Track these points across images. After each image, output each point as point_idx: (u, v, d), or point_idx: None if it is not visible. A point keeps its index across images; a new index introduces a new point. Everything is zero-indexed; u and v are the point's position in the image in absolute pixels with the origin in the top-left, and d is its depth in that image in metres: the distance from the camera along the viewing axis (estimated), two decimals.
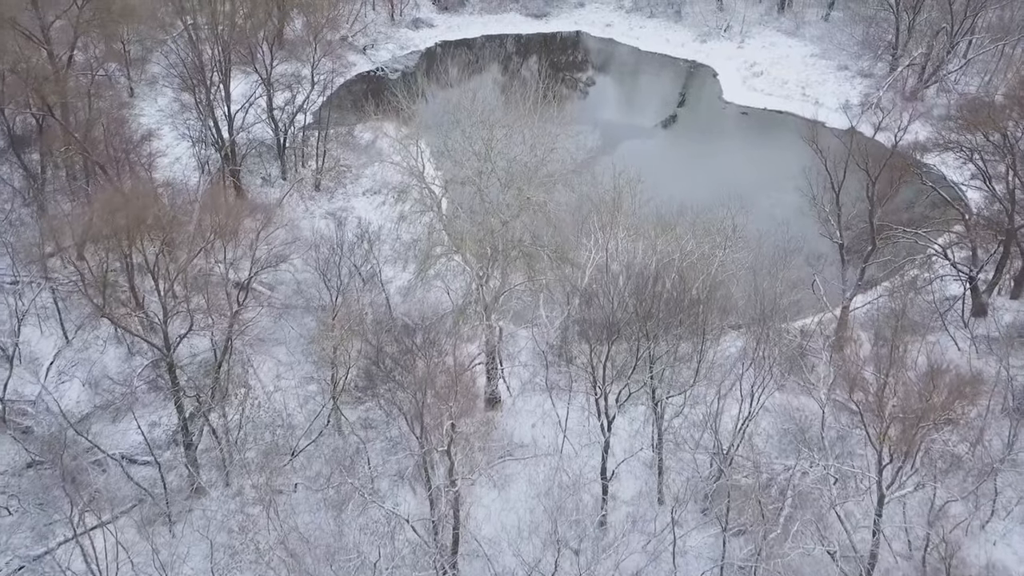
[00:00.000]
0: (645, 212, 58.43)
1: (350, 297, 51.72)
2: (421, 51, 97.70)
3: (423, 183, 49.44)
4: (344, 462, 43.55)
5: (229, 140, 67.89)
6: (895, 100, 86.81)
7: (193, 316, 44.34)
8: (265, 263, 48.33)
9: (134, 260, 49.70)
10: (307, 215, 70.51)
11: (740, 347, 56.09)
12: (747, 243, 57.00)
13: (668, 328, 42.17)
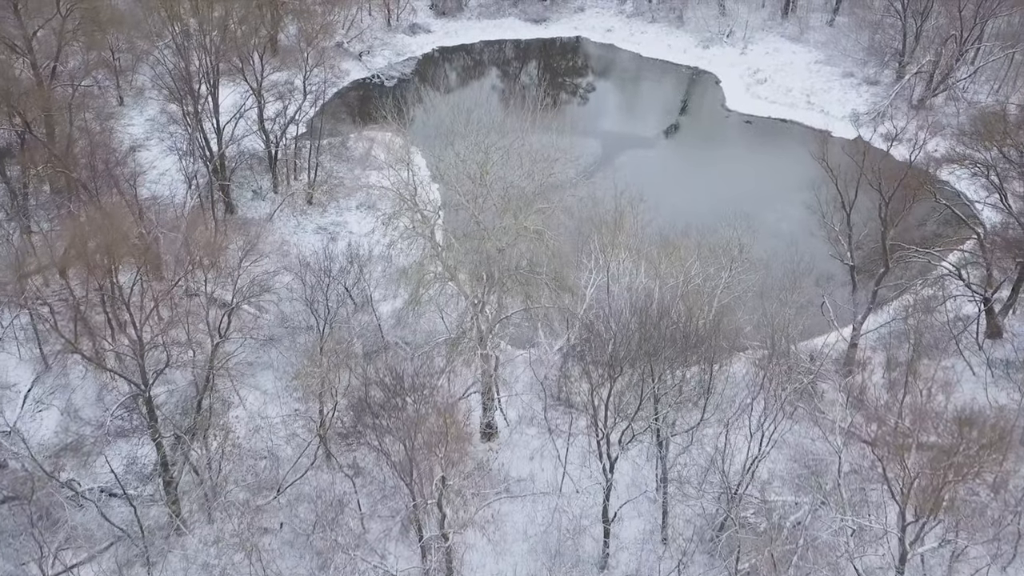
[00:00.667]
0: (648, 232, 55.57)
1: (340, 324, 48.93)
2: (418, 57, 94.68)
3: (415, 208, 46.31)
4: (330, 512, 40.69)
5: (218, 153, 64.99)
6: (903, 108, 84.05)
7: (170, 351, 41.45)
8: (248, 293, 45.18)
9: (110, 288, 46.67)
10: (298, 230, 67.67)
11: (747, 372, 53.62)
12: (754, 264, 54.01)
13: (674, 366, 39.31)
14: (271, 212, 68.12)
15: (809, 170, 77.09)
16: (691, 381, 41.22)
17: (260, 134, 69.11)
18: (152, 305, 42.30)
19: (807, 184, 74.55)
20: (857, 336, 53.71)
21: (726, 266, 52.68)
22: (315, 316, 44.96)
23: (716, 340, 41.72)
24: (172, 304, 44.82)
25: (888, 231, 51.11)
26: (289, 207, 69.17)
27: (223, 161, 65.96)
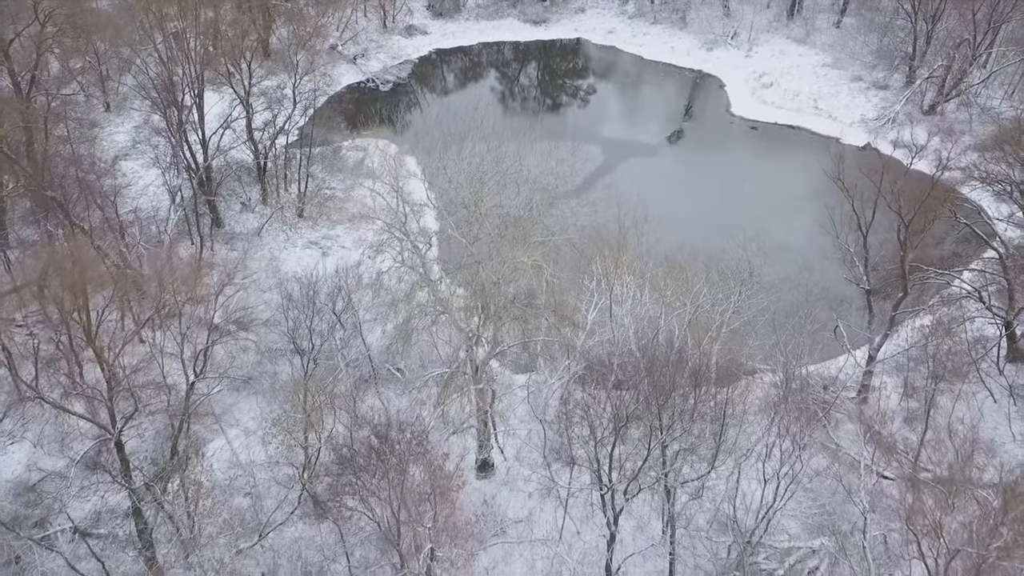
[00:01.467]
0: (654, 254, 52.33)
1: (326, 354, 45.60)
2: (414, 61, 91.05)
3: (404, 236, 42.89)
4: (316, 562, 37.43)
5: (204, 165, 61.58)
6: (913, 114, 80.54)
7: (139, 397, 38.04)
8: (224, 332, 41.67)
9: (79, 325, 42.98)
10: (288, 245, 64.31)
11: (760, 399, 50.43)
12: (764, 287, 50.60)
13: (684, 417, 35.98)
14: (260, 226, 64.74)
15: (818, 180, 73.39)
16: (702, 432, 37.77)
17: (249, 145, 65.71)
18: (122, 345, 38.89)
19: (815, 194, 71.28)
20: (873, 363, 50.40)
21: (735, 289, 49.28)
22: (299, 352, 41.51)
23: (730, 392, 38.10)
24: (147, 338, 41.37)
25: (907, 254, 47.67)
26: (279, 220, 65.81)
27: (209, 174, 62.56)
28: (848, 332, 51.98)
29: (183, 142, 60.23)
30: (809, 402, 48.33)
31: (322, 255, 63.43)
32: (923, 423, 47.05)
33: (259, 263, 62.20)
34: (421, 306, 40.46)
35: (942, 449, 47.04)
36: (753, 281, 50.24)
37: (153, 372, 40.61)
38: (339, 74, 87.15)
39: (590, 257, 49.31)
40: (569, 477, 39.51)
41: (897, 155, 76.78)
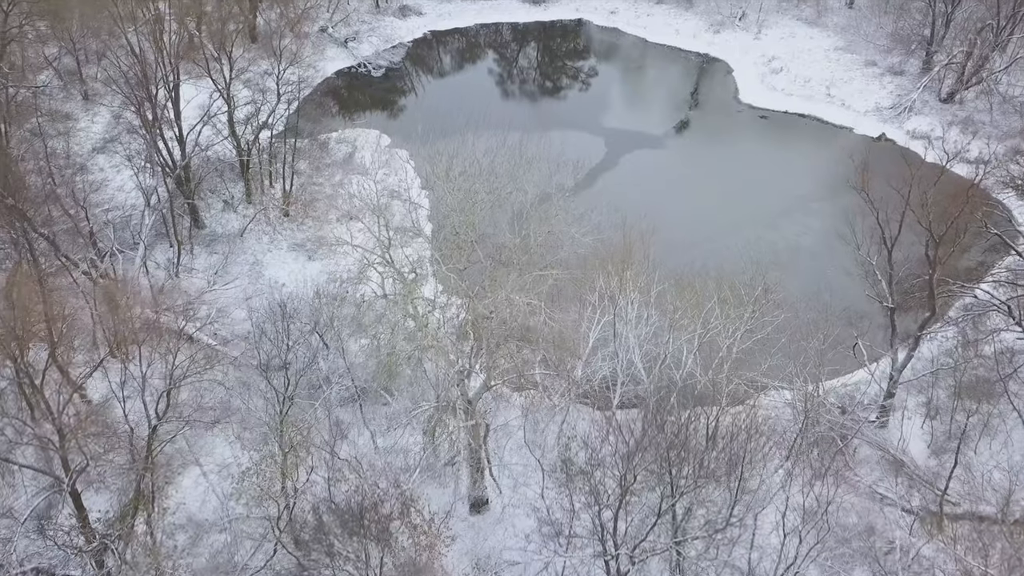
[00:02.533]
0: (661, 266, 48.07)
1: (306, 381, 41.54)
2: (408, 44, 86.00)
3: (387, 263, 38.64)
4: None
5: (181, 163, 57.17)
6: (930, 102, 75.93)
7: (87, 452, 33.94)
8: (188, 372, 37.24)
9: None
10: (272, 247, 60.03)
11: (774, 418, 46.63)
12: (778, 303, 46.49)
13: (697, 480, 32.03)
14: (242, 228, 60.44)
15: (832, 175, 69.33)
16: (717, 479, 33.82)
17: (231, 140, 61.22)
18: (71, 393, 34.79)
19: (830, 192, 67.02)
20: (895, 385, 46.42)
21: (748, 307, 45.17)
22: (273, 388, 37.31)
23: (746, 445, 34.10)
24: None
25: (936, 272, 43.44)
26: (263, 220, 61.47)
27: (188, 173, 58.17)
28: (867, 347, 48.09)
29: (158, 140, 55.84)
30: (827, 428, 44.60)
31: (308, 259, 59.25)
32: (951, 455, 43.23)
33: (241, 268, 58.11)
34: (407, 337, 36.22)
35: (973, 484, 43.40)
36: (767, 298, 46.13)
37: (115, 411, 36.64)
38: (329, 58, 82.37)
39: (592, 276, 45.07)
40: (571, 521, 35.49)
41: (914, 146, 72.55)
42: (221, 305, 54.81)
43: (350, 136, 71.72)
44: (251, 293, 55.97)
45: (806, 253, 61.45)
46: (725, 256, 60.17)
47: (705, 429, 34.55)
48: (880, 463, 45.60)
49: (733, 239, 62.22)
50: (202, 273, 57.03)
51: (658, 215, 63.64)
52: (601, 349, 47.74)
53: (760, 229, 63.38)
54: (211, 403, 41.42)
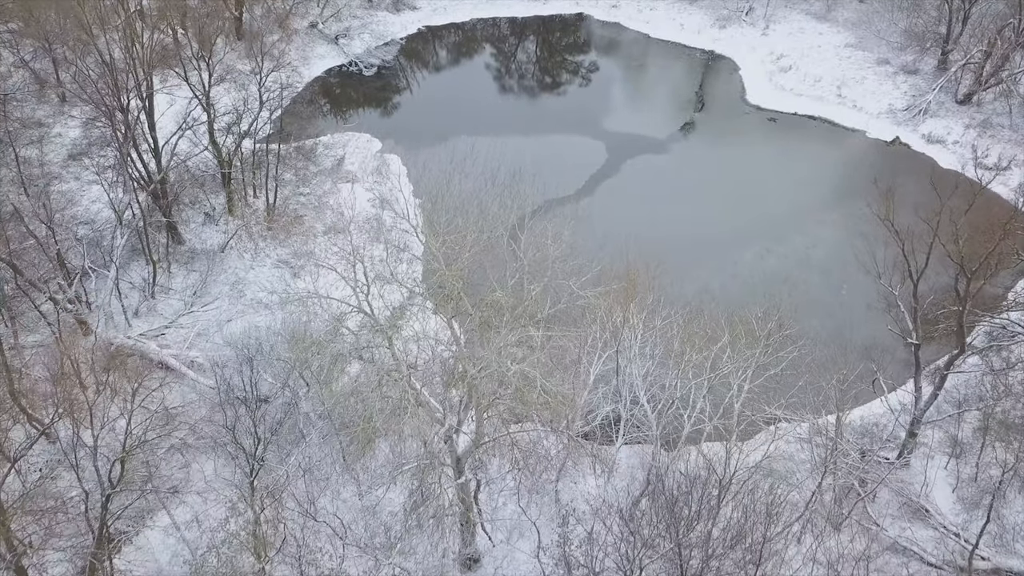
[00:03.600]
0: (668, 294, 44.28)
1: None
2: (400, 42, 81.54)
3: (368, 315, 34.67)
4: None
5: (157, 177, 53.20)
6: (946, 104, 71.83)
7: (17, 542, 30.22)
8: (142, 438, 33.22)
9: None
10: (255, 264, 56.10)
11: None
12: (793, 339, 42.69)
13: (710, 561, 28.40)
14: (224, 243, 56.55)
15: (842, 180, 65.64)
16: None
17: (211, 149, 57.20)
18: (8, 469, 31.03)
19: (840, 198, 63.25)
20: (917, 425, 42.73)
21: (760, 341, 41.41)
22: (243, 452, 33.39)
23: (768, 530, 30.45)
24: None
25: (966, 308, 39.61)
26: (246, 234, 57.55)
27: (164, 187, 54.22)
28: (887, 382, 44.47)
29: (132, 152, 51.88)
30: (845, 471, 41.02)
31: (293, 275, 55.41)
32: (981, 506, 39.71)
33: (221, 287, 54.25)
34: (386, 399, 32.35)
35: (1004, 534, 39.84)
36: (781, 333, 42.33)
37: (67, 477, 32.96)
38: (319, 56, 78.23)
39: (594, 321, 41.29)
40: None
41: (930, 151, 68.59)
42: (200, 328, 51.17)
43: (339, 140, 67.72)
44: (232, 315, 52.35)
45: (817, 268, 57.69)
46: (734, 273, 56.72)
47: (717, 504, 30.78)
48: (902, 510, 42.03)
49: (741, 252, 58.58)
50: (180, 293, 53.26)
51: (662, 226, 60.47)
52: (602, 385, 44.28)
53: (769, 241, 59.62)
54: (170, 470, 37.44)
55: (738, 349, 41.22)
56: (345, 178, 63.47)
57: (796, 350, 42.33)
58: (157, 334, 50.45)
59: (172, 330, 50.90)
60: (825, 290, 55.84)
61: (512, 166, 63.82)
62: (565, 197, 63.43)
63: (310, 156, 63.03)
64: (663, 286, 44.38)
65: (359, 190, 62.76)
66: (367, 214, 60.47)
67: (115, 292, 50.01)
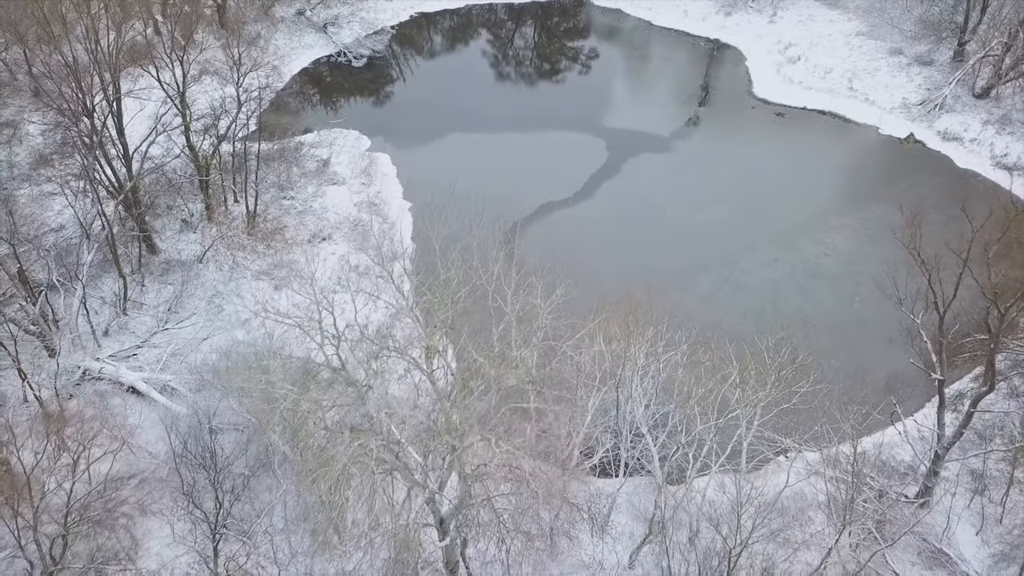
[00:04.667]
0: (671, 322, 40.58)
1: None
2: (392, 30, 77.10)
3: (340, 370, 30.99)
4: None
5: (129, 184, 49.37)
6: (962, 97, 67.73)
7: None
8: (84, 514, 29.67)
9: None
10: (234, 276, 52.33)
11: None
12: (806, 371, 39.14)
13: None
14: (202, 253, 52.86)
15: (853, 181, 61.70)
16: None
17: (187, 154, 53.29)
18: None
19: (852, 200, 59.44)
20: (940, 464, 39.28)
21: (771, 374, 37.85)
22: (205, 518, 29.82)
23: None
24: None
25: (997, 344, 35.99)
26: (225, 242, 53.82)
27: (136, 195, 50.42)
28: (909, 418, 41.03)
29: (101, 159, 48.05)
30: (862, 513, 37.68)
31: (275, 288, 51.76)
32: (1008, 557, 36.38)
33: (198, 301, 50.67)
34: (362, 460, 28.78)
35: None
36: (794, 364, 38.78)
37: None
38: (306, 45, 74.16)
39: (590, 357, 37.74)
40: None
41: (946, 149, 64.61)
42: (175, 347, 47.64)
43: (326, 138, 63.74)
44: (209, 331, 48.77)
45: (828, 278, 54.05)
46: (740, 283, 53.14)
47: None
48: (922, 556, 38.72)
49: (748, 261, 54.92)
50: (153, 309, 49.68)
51: (665, 232, 56.85)
52: (602, 417, 40.87)
53: (777, 249, 55.91)
54: (122, 539, 33.95)
55: (748, 385, 37.68)
56: (331, 180, 59.66)
57: (809, 384, 38.83)
58: (128, 354, 47.03)
59: (145, 349, 47.47)
60: (837, 304, 52.31)
61: (509, 171, 60.62)
62: (563, 200, 59.77)
63: (293, 159, 59.06)
64: (666, 303, 40.89)
65: (346, 193, 58.97)
66: (353, 219, 56.78)
67: (83, 311, 46.35)
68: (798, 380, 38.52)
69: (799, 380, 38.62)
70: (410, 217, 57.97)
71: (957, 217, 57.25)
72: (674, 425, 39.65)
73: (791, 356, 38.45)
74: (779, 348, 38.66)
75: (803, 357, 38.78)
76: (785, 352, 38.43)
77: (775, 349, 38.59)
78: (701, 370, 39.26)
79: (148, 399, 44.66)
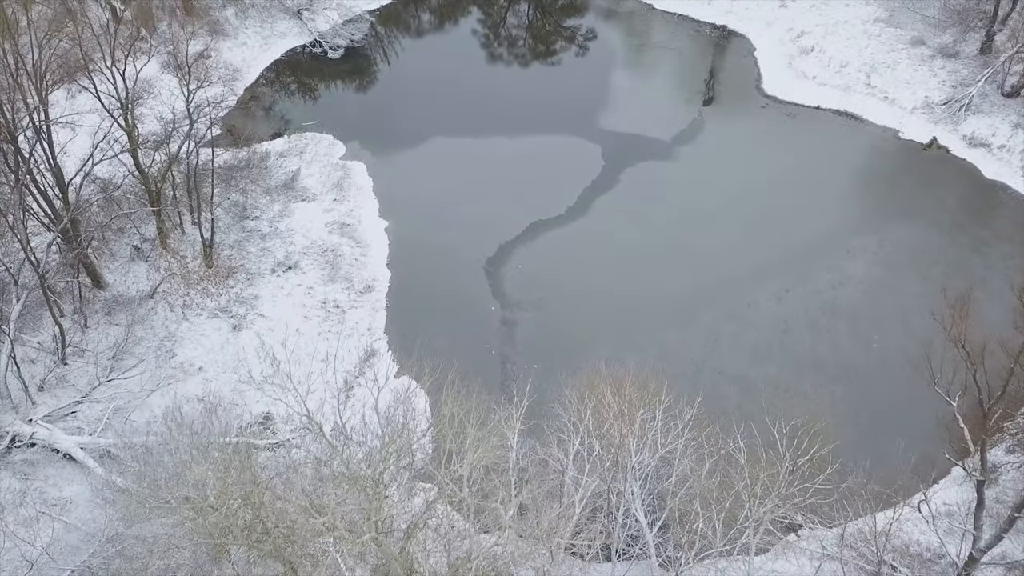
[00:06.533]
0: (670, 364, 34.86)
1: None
2: (370, 17, 69.83)
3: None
4: None
5: (67, 216, 43.25)
6: (990, 96, 60.94)
7: None
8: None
9: None
10: (188, 314, 46.58)
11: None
12: (824, 459, 33.60)
13: None
14: (153, 287, 46.95)
15: (872, 196, 55.33)
16: None
17: (136, 176, 47.05)
18: None
19: (869, 219, 53.19)
20: (975, 566, 33.88)
21: (783, 472, 32.34)
22: None
23: None
24: None
25: None
26: (180, 275, 47.92)
27: (76, 227, 44.31)
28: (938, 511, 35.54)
29: (30, 191, 41.96)
30: None
31: (233, 329, 46.06)
32: None
33: (148, 345, 45.01)
34: None
35: None
36: (810, 455, 33.20)
37: None
38: (279, 34, 67.24)
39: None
40: None
41: (972, 156, 58.06)
42: (120, 402, 42.14)
43: (296, 144, 57.39)
44: (158, 382, 43.23)
45: (843, 313, 48.14)
46: (746, 320, 47.43)
47: None
48: None
49: (756, 292, 49.09)
50: (97, 356, 43.93)
51: (665, 256, 51.00)
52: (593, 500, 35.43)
53: (789, 278, 49.97)
54: None
55: (757, 481, 32.19)
56: (300, 196, 53.51)
57: (826, 474, 33.35)
58: (67, 412, 41.51)
59: (85, 405, 41.97)
60: (853, 343, 46.58)
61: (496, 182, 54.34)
62: (554, 218, 53.67)
63: (259, 173, 52.75)
64: (666, 347, 35.17)
65: (316, 211, 52.85)
66: (323, 244, 50.78)
67: (12, 367, 40.63)
68: (814, 474, 33.04)
69: (815, 472, 33.16)
70: (385, 239, 52.06)
71: (986, 241, 52.68)
72: (671, 510, 34.38)
73: (805, 444, 32.86)
74: (792, 437, 33.11)
75: (819, 446, 33.14)
76: (802, 443, 32.86)
77: (789, 439, 33.03)
78: (704, 455, 33.96)
79: (84, 470, 39.27)
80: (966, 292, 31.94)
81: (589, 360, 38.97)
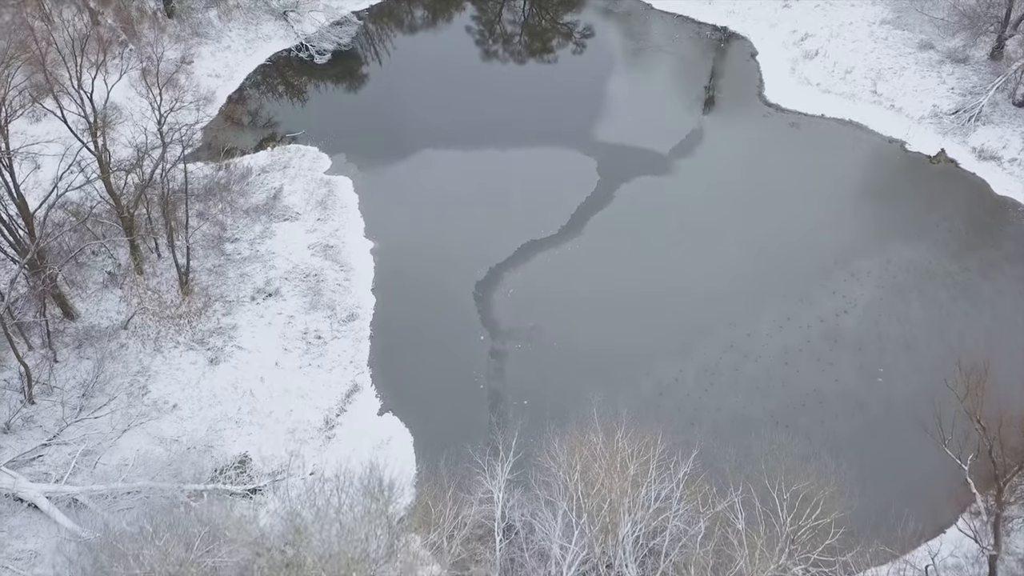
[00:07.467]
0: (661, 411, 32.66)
1: None
2: (362, 16, 66.91)
3: None
4: None
5: (34, 247, 40.77)
6: (1001, 105, 58.14)
7: None
8: None
9: None
10: (163, 346, 44.23)
11: None
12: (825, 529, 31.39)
13: None
14: (126, 319, 44.58)
15: (878, 215, 52.72)
16: None
17: (107, 201, 44.55)
18: None
19: (876, 240, 50.62)
20: None
21: (784, 542, 30.19)
22: None
23: None
24: None
25: None
26: (153, 308, 45.48)
27: (42, 256, 41.84)
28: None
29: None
30: None
31: (209, 362, 43.71)
32: None
33: (120, 381, 42.68)
34: None
35: None
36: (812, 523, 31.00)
37: None
38: (264, 36, 64.31)
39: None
40: None
41: (982, 171, 55.34)
42: (90, 444, 39.94)
43: (280, 158, 54.82)
44: (130, 421, 40.99)
45: (847, 344, 45.73)
46: (745, 352, 45.10)
47: None
48: None
49: (757, 321, 46.73)
50: (66, 393, 41.69)
51: (662, 280, 48.57)
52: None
53: (790, 304, 47.56)
54: None
55: (755, 545, 30.04)
56: (282, 215, 51.00)
57: (829, 539, 31.16)
58: (32, 457, 39.34)
59: (53, 448, 39.78)
60: (858, 376, 44.30)
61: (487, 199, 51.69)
62: (548, 238, 51.19)
63: (239, 191, 50.19)
64: (660, 388, 33.11)
65: (299, 232, 50.35)
66: (305, 268, 48.33)
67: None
68: (815, 543, 30.85)
69: (817, 540, 30.99)
70: (371, 261, 49.60)
71: (995, 263, 50.15)
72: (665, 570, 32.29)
73: (809, 512, 30.65)
74: (793, 502, 30.89)
75: (821, 513, 30.91)
76: (804, 510, 30.65)
77: (790, 503, 30.82)
78: (700, 519, 31.81)
79: (48, 521, 37.15)
80: (982, 365, 29.44)
81: (581, 401, 36.83)
